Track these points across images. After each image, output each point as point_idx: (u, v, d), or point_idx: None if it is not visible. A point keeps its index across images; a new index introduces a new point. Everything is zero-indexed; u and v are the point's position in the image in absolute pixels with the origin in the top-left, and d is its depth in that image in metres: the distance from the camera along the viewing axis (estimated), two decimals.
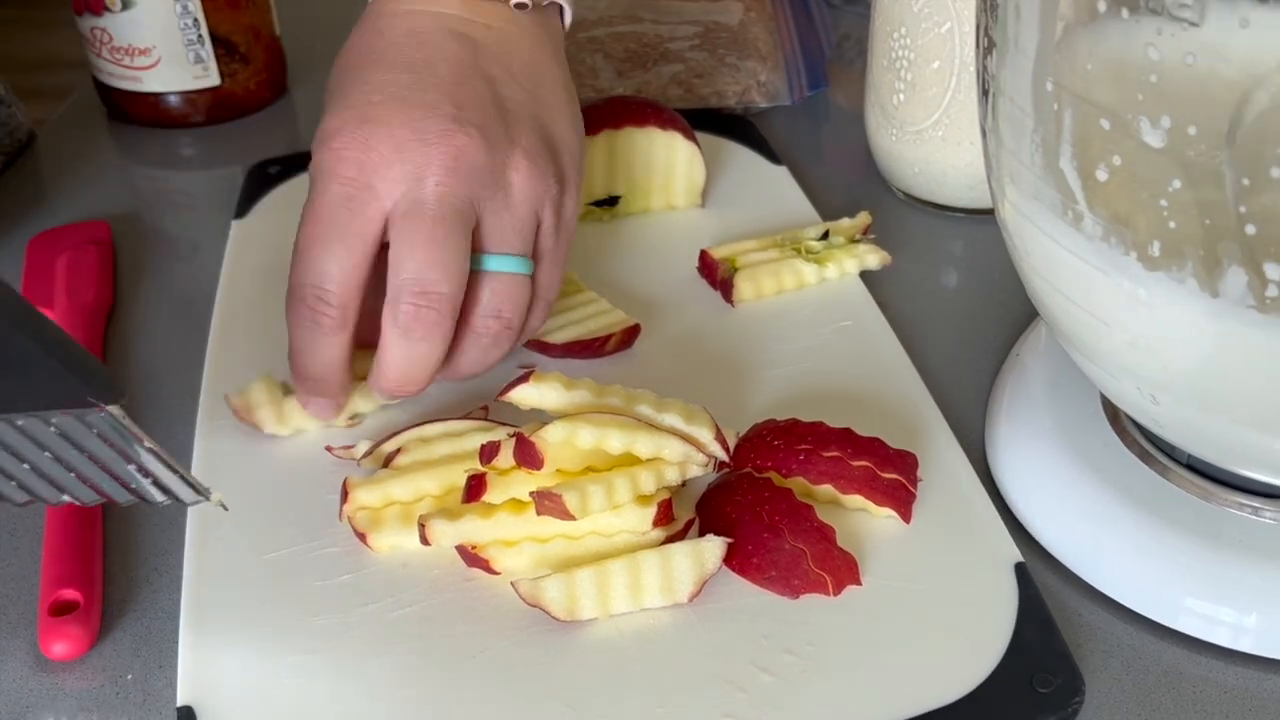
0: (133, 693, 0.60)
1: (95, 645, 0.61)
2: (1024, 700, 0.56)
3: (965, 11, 0.82)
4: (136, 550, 0.66)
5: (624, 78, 1.05)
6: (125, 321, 0.83)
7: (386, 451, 0.67)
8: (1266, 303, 0.49)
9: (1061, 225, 0.56)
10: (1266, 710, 0.58)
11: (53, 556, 0.64)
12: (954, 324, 0.82)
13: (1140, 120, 0.50)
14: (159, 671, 0.60)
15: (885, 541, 0.64)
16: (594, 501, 0.60)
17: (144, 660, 0.61)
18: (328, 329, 0.65)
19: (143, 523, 0.68)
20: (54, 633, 0.60)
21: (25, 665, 0.61)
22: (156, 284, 0.87)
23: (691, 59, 1.07)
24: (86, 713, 0.59)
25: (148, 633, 0.62)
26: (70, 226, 0.91)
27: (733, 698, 0.57)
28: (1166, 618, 0.61)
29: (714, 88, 1.04)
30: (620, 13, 1.13)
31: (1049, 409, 0.69)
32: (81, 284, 0.84)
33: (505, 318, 0.67)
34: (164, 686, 0.60)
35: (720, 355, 0.77)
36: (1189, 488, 0.63)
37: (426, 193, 0.64)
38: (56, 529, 0.65)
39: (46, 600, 0.62)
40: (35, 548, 0.66)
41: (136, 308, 0.85)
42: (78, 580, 0.63)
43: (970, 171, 0.89)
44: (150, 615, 0.63)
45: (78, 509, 0.66)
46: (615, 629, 0.60)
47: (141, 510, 0.68)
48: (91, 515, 0.67)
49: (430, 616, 0.61)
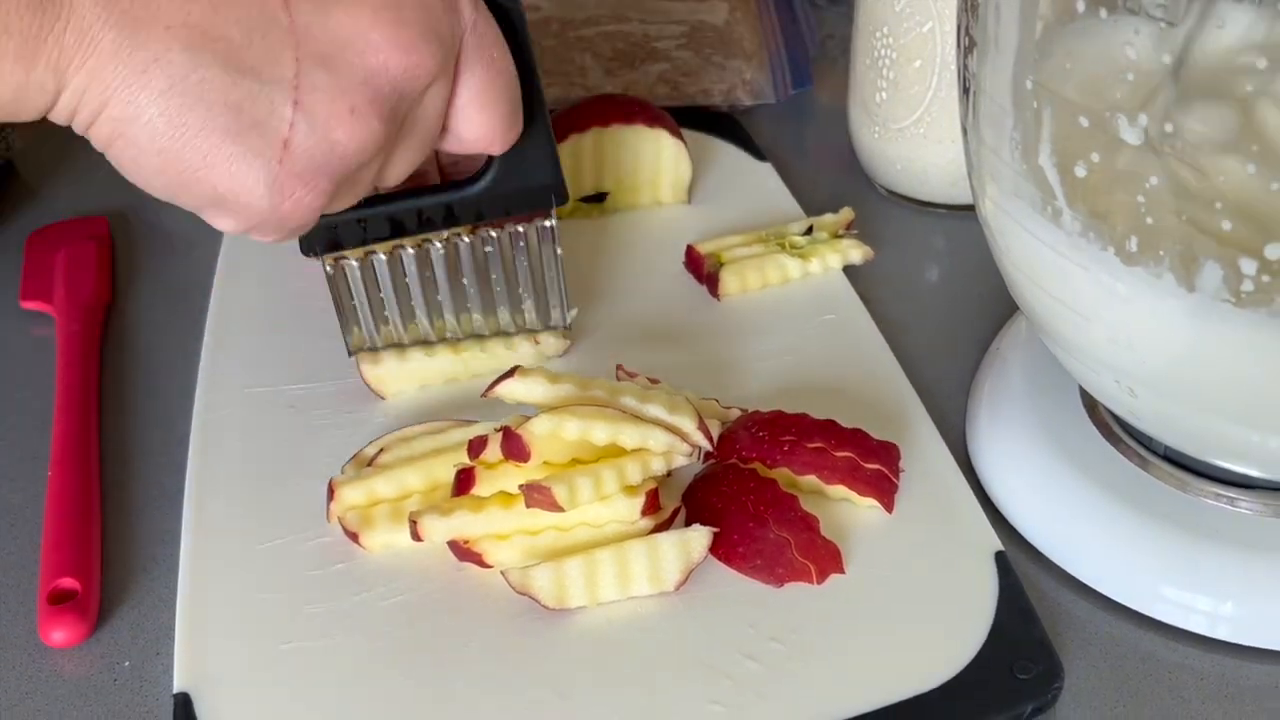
0: (129, 679, 0.60)
1: (93, 633, 0.61)
2: (1004, 686, 0.56)
3: (946, 11, 0.82)
4: (133, 540, 0.66)
5: (612, 76, 1.05)
6: (123, 316, 0.83)
7: (369, 455, 0.67)
8: (1242, 297, 0.49)
9: (1041, 221, 0.55)
10: (1242, 697, 0.58)
11: (52, 546, 0.64)
12: (935, 318, 0.82)
13: (1118, 118, 0.50)
14: (155, 659, 0.60)
15: (868, 531, 0.64)
16: (582, 493, 0.60)
17: (140, 647, 0.61)
18: None
19: (139, 513, 0.68)
20: (53, 620, 0.60)
21: (24, 652, 0.61)
22: (153, 279, 0.86)
23: (678, 58, 1.06)
24: (84, 698, 0.59)
25: (144, 621, 0.62)
26: (69, 222, 0.90)
27: (719, 684, 0.57)
28: (1144, 606, 0.61)
29: (700, 86, 1.04)
30: (608, 12, 1.12)
31: (1028, 401, 0.69)
32: (80, 279, 0.84)
33: None
34: (160, 673, 0.60)
35: (705, 348, 0.77)
36: (1166, 478, 0.63)
37: None
38: (55, 519, 0.65)
39: (45, 589, 0.62)
40: (35, 537, 0.65)
41: (134, 302, 0.84)
42: (76, 569, 0.63)
43: (951, 168, 0.89)
44: (147, 604, 0.63)
45: (76, 501, 0.66)
46: (604, 617, 0.60)
47: (139, 500, 0.69)
48: (90, 506, 0.67)
49: (422, 605, 0.61)
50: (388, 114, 0.56)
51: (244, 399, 0.73)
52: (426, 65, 0.56)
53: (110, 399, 0.76)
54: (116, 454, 0.72)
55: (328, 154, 0.54)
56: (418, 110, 0.58)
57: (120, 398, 0.76)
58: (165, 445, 0.72)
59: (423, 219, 0.67)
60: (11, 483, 0.70)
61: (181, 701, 0.56)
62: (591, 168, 0.87)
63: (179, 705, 0.56)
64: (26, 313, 0.82)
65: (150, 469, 0.71)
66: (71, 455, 0.69)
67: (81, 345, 0.78)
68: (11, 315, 0.82)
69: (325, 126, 0.54)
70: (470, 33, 0.59)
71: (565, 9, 1.13)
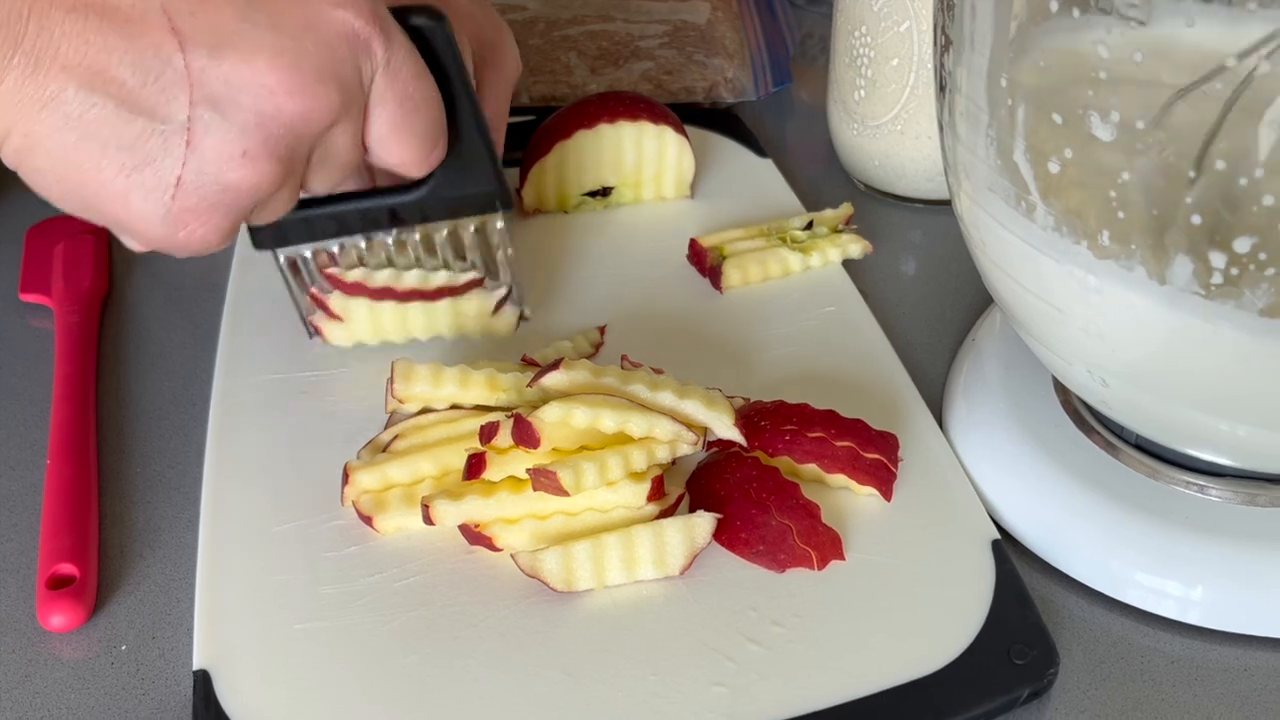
0: (126, 662, 0.59)
1: (91, 618, 0.61)
2: (1001, 671, 0.56)
3: (923, 11, 0.82)
4: (131, 527, 0.66)
5: (596, 74, 1.05)
6: (120, 308, 0.83)
7: (384, 441, 0.67)
8: (1212, 290, 0.49)
9: (1015, 215, 0.55)
10: (1212, 679, 0.58)
11: (51, 533, 0.64)
12: (913, 310, 0.82)
13: (1090, 115, 0.50)
14: (151, 642, 0.60)
15: (867, 519, 0.64)
16: (587, 478, 0.60)
17: (137, 631, 0.61)
18: None
19: (137, 501, 0.68)
20: (52, 605, 0.60)
21: (24, 636, 0.61)
22: (150, 272, 0.86)
23: (661, 56, 1.06)
24: (82, 681, 0.59)
25: (141, 606, 0.62)
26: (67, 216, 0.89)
27: (722, 666, 0.57)
28: (1117, 591, 0.61)
29: (683, 84, 1.03)
30: (593, 12, 1.13)
31: (1003, 391, 0.69)
32: (78, 272, 0.83)
33: None
34: (156, 657, 0.60)
35: (709, 340, 0.77)
36: (1137, 466, 0.63)
37: None
38: (55, 506, 0.65)
39: (45, 574, 0.62)
40: (34, 524, 0.65)
41: (131, 294, 0.84)
42: (75, 555, 0.62)
43: (928, 164, 0.89)
44: (143, 589, 0.63)
45: (74, 489, 0.66)
46: (610, 600, 0.60)
47: (136, 488, 0.68)
48: (88, 494, 0.66)
49: (433, 587, 0.61)
50: (284, 155, 0.56)
51: (260, 385, 0.73)
52: (323, 109, 0.56)
53: (108, 389, 0.75)
54: (113, 443, 0.71)
55: (220, 194, 0.55)
56: (323, 147, 0.58)
57: (117, 388, 0.76)
58: (161, 434, 0.72)
59: (367, 220, 0.67)
60: (11, 471, 0.70)
61: (201, 679, 0.56)
62: (596, 162, 0.87)
63: (198, 682, 0.56)
64: (26, 305, 0.82)
65: (147, 457, 0.71)
66: (70, 444, 0.69)
67: (80, 337, 0.78)
68: (11, 307, 0.82)
69: (217, 168, 0.54)
70: (383, 72, 0.58)
71: (551, 9, 1.13)
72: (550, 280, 0.81)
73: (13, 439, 0.72)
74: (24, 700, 0.58)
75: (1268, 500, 0.61)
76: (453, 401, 0.67)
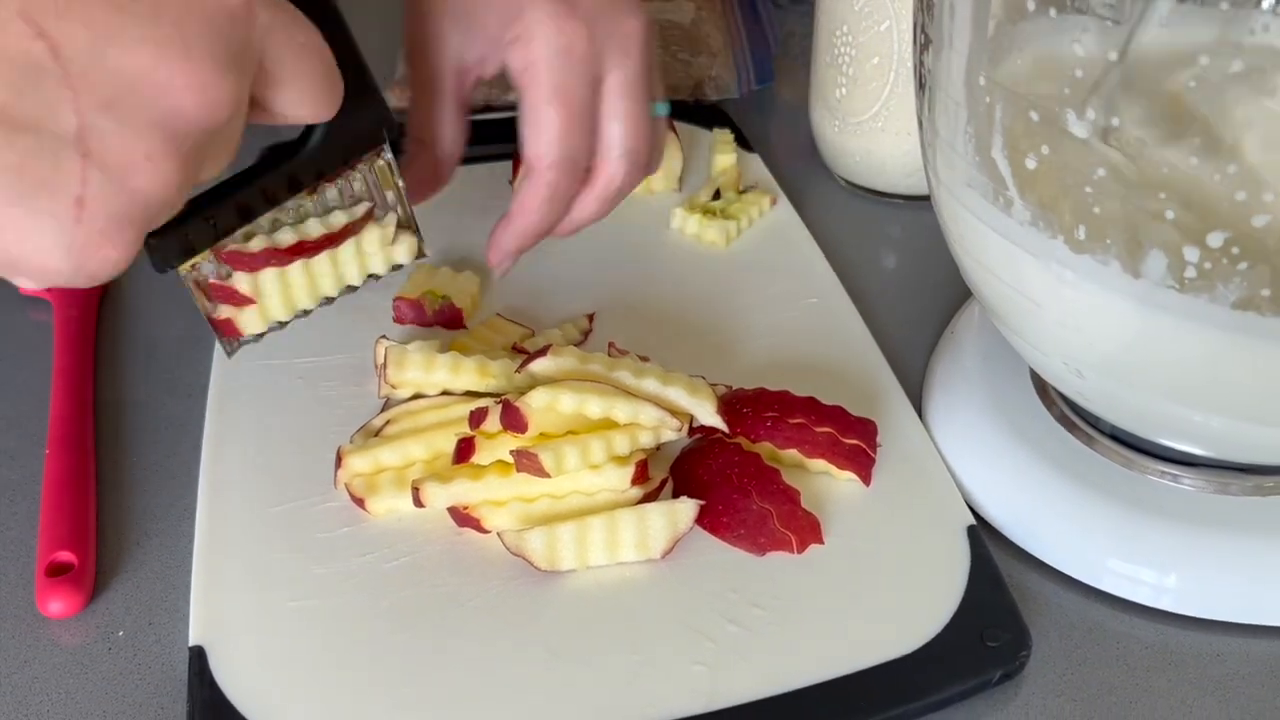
0: (124, 648, 0.59)
1: (89, 604, 0.61)
2: (974, 653, 0.57)
3: (903, 10, 0.82)
4: (128, 515, 0.66)
5: None
6: (118, 302, 0.83)
7: (377, 426, 0.67)
8: (1185, 283, 0.49)
9: (993, 210, 0.55)
10: (1185, 664, 0.58)
11: (49, 521, 0.63)
12: (893, 303, 0.82)
13: (1067, 112, 0.50)
14: (148, 628, 0.60)
15: (846, 503, 0.64)
16: (568, 460, 0.60)
17: (134, 618, 0.61)
18: None
19: (134, 490, 0.68)
20: (50, 592, 0.60)
21: (23, 622, 0.60)
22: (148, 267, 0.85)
23: None
24: (80, 666, 0.58)
25: (138, 592, 0.62)
26: None
27: (702, 647, 0.57)
28: (1092, 578, 0.61)
29: (668, 81, 1.03)
30: None
31: (981, 382, 0.69)
32: None
33: None
34: (153, 642, 0.59)
35: (694, 330, 0.77)
36: (1112, 456, 0.63)
37: None
38: (53, 495, 0.65)
39: (43, 561, 0.62)
40: (33, 512, 0.65)
41: (129, 289, 0.84)
42: (73, 543, 0.62)
43: (908, 160, 0.89)
44: (140, 576, 0.63)
45: (73, 478, 0.66)
46: (594, 581, 0.60)
47: (133, 478, 0.68)
48: (86, 483, 0.66)
49: (422, 567, 0.61)
50: (189, 151, 0.49)
51: (257, 370, 0.73)
52: (225, 100, 0.48)
53: (105, 381, 0.75)
54: (111, 433, 0.71)
55: (129, 204, 0.48)
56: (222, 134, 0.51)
57: (115, 380, 0.75)
58: (157, 425, 0.72)
59: (269, 196, 0.63)
60: (11, 461, 0.69)
61: (196, 654, 0.56)
62: None
63: (194, 657, 0.56)
64: (25, 299, 0.82)
65: (143, 448, 0.70)
66: (68, 435, 0.69)
67: (78, 330, 0.77)
68: (11, 301, 0.82)
69: (121, 176, 0.47)
70: (272, 32, 0.51)
71: None
72: (541, 270, 0.80)
73: (12, 429, 0.71)
74: (23, 685, 0.58)
75: (1240, 489, 0.61)
76: (444, 387, 0.67)
